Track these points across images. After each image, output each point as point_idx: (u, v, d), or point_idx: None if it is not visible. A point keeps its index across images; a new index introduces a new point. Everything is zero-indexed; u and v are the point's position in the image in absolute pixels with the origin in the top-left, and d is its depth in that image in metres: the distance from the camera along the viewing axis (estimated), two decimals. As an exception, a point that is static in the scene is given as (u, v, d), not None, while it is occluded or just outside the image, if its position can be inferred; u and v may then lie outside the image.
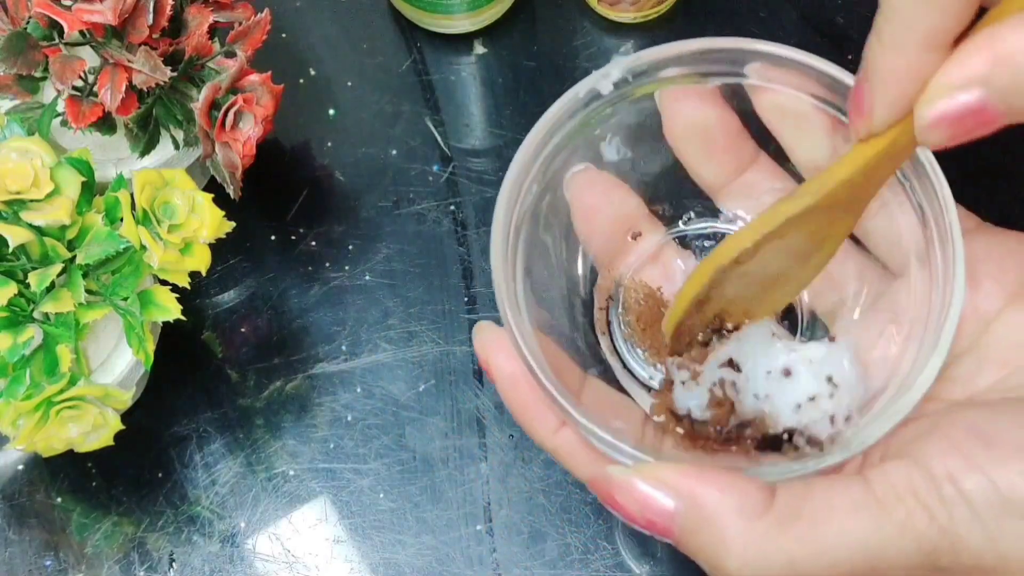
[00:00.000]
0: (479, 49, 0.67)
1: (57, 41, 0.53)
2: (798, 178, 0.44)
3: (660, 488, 0.34)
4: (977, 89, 0.30)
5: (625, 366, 0.45)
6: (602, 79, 0.41)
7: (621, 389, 0.44)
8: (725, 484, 0.34)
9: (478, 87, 0.67)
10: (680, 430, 0.41)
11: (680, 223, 0.46)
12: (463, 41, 0.67)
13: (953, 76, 0.31)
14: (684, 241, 0.46)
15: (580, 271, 0.45)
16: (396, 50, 0.67)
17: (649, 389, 0.44)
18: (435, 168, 0.64)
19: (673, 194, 0.45)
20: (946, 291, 0.37)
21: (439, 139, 0.65)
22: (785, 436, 0.39)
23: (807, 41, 0.66)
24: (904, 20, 0.32)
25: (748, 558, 0.33)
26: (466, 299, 0.61)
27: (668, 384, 0.42)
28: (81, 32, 0.53)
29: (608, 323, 0.45)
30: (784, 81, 0.41)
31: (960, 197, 0.39)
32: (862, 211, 0.38)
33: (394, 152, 0.65)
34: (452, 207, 0.63)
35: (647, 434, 0.41)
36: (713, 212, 0.46)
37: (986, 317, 0.37)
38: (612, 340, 0.45)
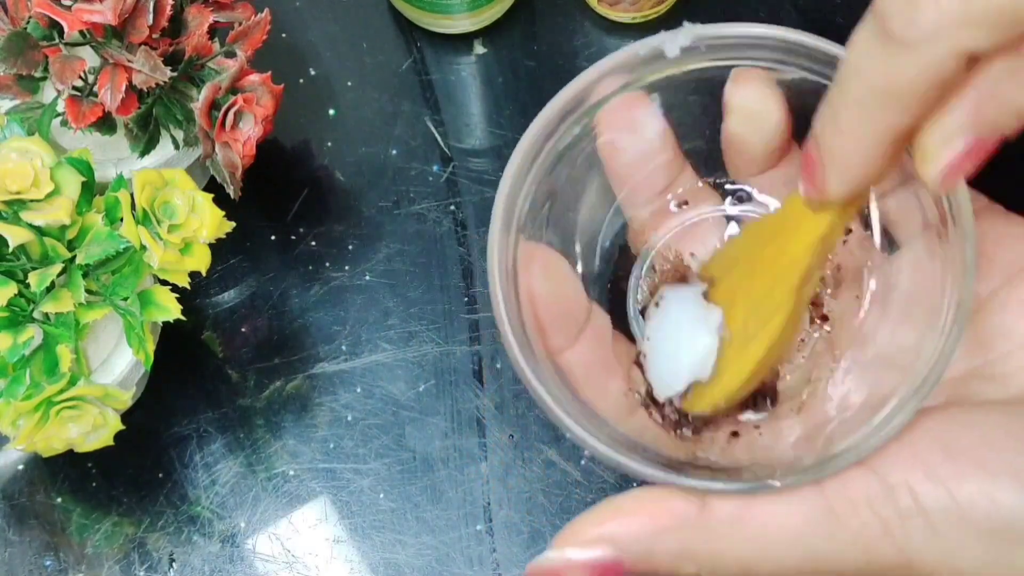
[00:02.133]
0: (479, 49, 0.67)
1: (57, 41, 0.53)
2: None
3: (592, 547, 0.34)
4: (967, 134, 0.31)
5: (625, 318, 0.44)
6: (670, 40, 0.39)
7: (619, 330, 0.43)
8: (652, 511, 0.34)
9: (478, 87, 0.67)
10: (658, 418, 0.40)
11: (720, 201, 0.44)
12: (463, 41, 0.67)
13: (938, 136, 0.31)
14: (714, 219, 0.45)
15: (606, 214, 0.43)
16: (396, 50, 0.67)
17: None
18: (435, 168, 0.64)
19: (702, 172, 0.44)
20: (953, 284, 0.35)
21: (439, 139, 0.65)
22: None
23: (807, 41, 0.66)
24: (866, 115, 0.32)
25: (701, 560, 0.33)
26: (466, 299, 0.61)
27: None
28: (81, 32, 0.53)
29: (628, 274, 0.44)
30: None
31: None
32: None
33: (394, 152, 0.65)
34: (452, 207, 0.63)
35: (625, 400, 0.40)
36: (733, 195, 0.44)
37: (978, 298, 0.37)
38: (626, 293, 0.44)
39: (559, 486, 0.57)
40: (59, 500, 0.58)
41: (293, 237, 0.63)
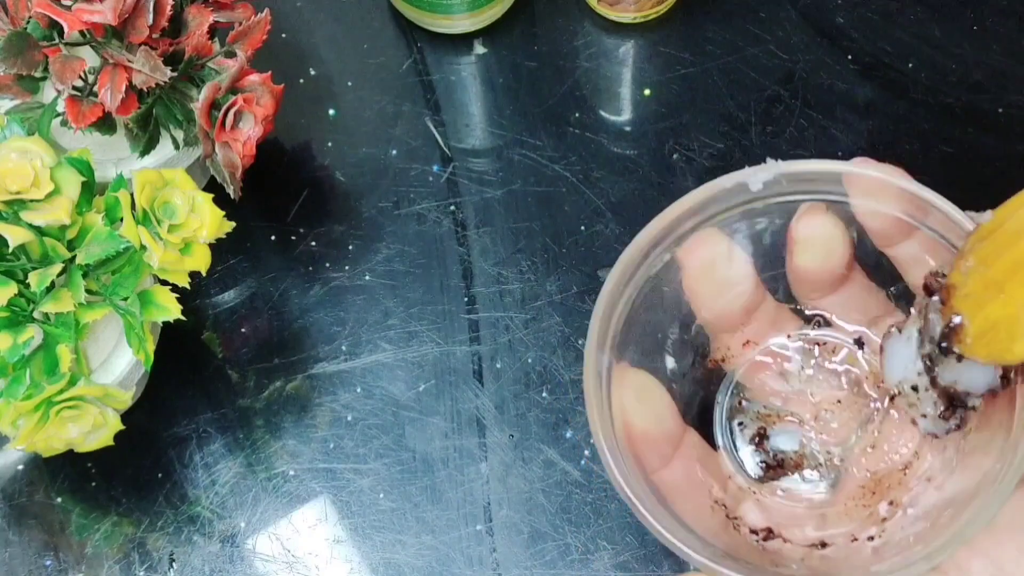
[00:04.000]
0: (479, 49, 0.67)
1: (57, 41, 0.53)
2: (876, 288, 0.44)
3: None
4: None
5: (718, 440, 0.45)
6: (753, 176, 0.41)
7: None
8: None
9: (478, 87, 0.67)
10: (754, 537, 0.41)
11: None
12: (463, 41, 0.67)
13: None
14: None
15: (692, 338, 0.45)
16: (396, 50, 0.67)
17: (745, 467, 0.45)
18: (435, 168, 0.64)
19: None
20: None
21: (439, 139, 0.65)
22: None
23: (807, 41, 0.66)
24: None
25: None
26: (466, 299, 0.61)
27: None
28: (81, 32, 0.53)
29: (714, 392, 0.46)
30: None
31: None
32: None
33: (394, 152, 0.65)
34: (452, 207, 0.63)
35: (712, 515, 0.42)
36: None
37: None
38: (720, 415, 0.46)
39: (559, 486, 0.57)
40: (59, 500, 0.58)
41: (293, 237, 0.63)
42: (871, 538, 0.40)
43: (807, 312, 0.45)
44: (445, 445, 0.58)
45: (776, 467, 0.44)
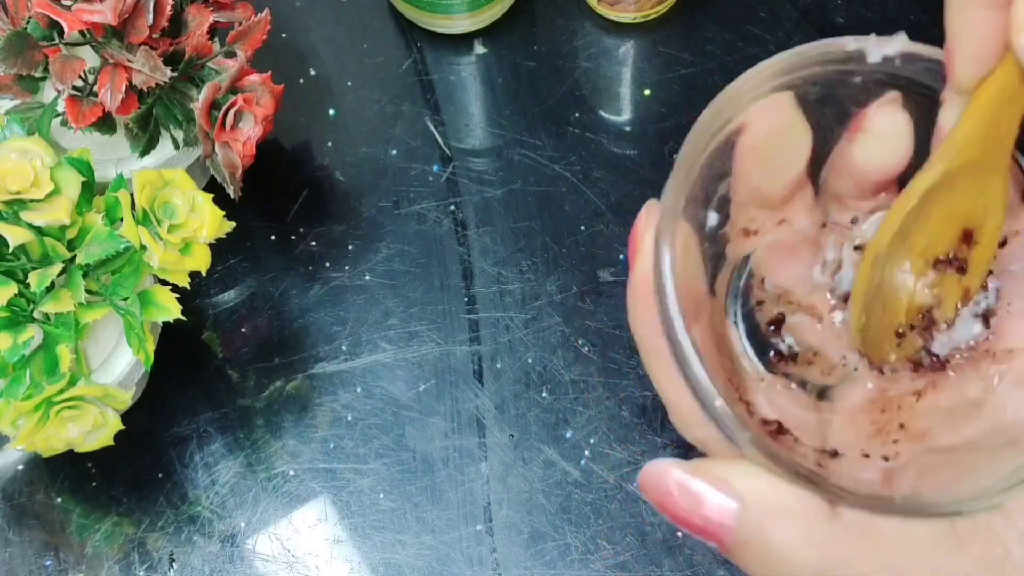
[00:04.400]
0: (479, 49, 0.67)
1: (57, 41, 0.53)
2: None
3: (723, 489, 0.34)
4: None
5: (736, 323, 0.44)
6: (875, 45, 0.39)
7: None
8: (788, 492, 0.34)
9: (478, 87, 0.67)
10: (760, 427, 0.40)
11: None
12: (463, 41, 0.67)
13: None
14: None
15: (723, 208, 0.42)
16: (396, 50, 0.67)
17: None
18: (435, 168, 0.64)
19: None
20: None
21: (439, 139, 0.65)
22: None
23: (807, 41, 0.66)
24: None
25: (811, 562, 0.33)
26: (466, 299, 0.61)
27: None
28: (81, 32, 0.53)
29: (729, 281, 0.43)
30: None
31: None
32: (1005, 168, 0.37)
33: (394, 152, 0.65)
34: (452, 207, 0.63)
35: (727, 392, 0.40)
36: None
37: None
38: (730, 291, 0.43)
39: (559, 486, 0.57)
40: (59, 500, 0.58)
41: (293, 237, 0.63)
42: (885, 458, 0.40)
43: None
44: (445, 445, 0.58)
45: (788, 359, 0.42)
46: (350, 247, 0.62)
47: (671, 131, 0.64)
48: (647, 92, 0.66)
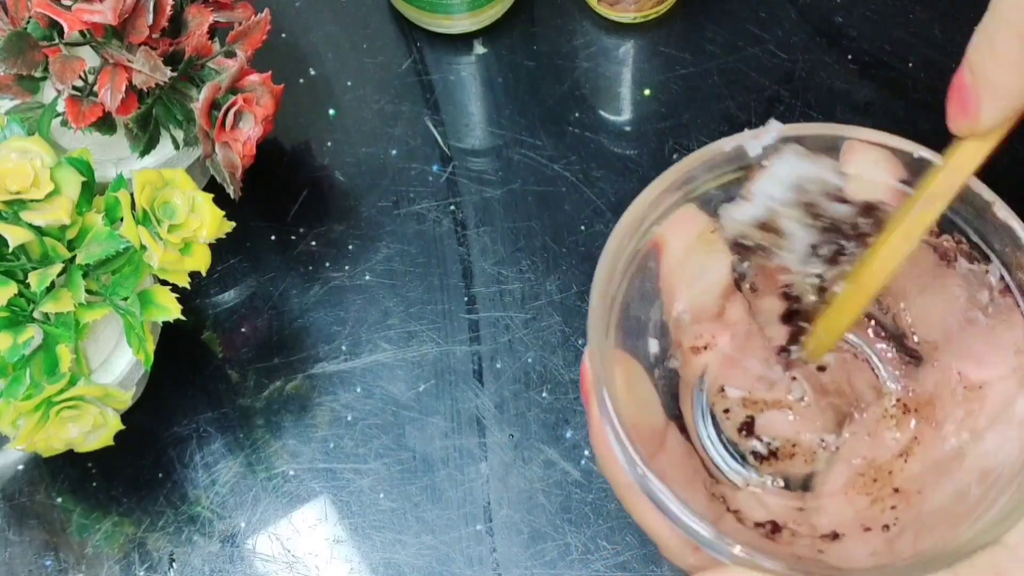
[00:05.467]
0: (479, 49, 0.67)
1: (57, 41, 0.53)
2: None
3: None
4: None
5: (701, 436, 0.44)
6: (752, 139, 0.39)
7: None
8: None
9: (478, 87, 0.67)
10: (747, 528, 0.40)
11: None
12: (463, 41, 0.67)
13: None
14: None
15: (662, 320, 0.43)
16: (396, 50, 0.67)
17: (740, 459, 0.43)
18: (435, 168, 0.64)
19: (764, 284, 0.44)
20: None
21: (439, 139, 0.65)
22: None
23: (807, 41, 0.66)
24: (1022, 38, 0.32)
25: None
26: (466, 299, 0.61)
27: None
28: (81, 32, 0.53)
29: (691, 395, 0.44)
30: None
31: None
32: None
33: (394, 152, 0.65)
34: (452, 207, 0.63)
35: (711, 508, 0.40)
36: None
37: None
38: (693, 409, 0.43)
39: (559, 486, 0.57)
40: (59, 500, 0.58)
41: (293, 237, 0.63)
42: (886, 527, 0.40)
43: (789, 294, 0.43)
44: (445, 445, 0.58)
45: (769, 457, 0.42)
46: (350, 247, 0.62)
47: (671, 131, 0.64)
48: (647, 92, 0.66)
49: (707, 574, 0.34)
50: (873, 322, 0.44)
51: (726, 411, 0.43)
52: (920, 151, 0.39)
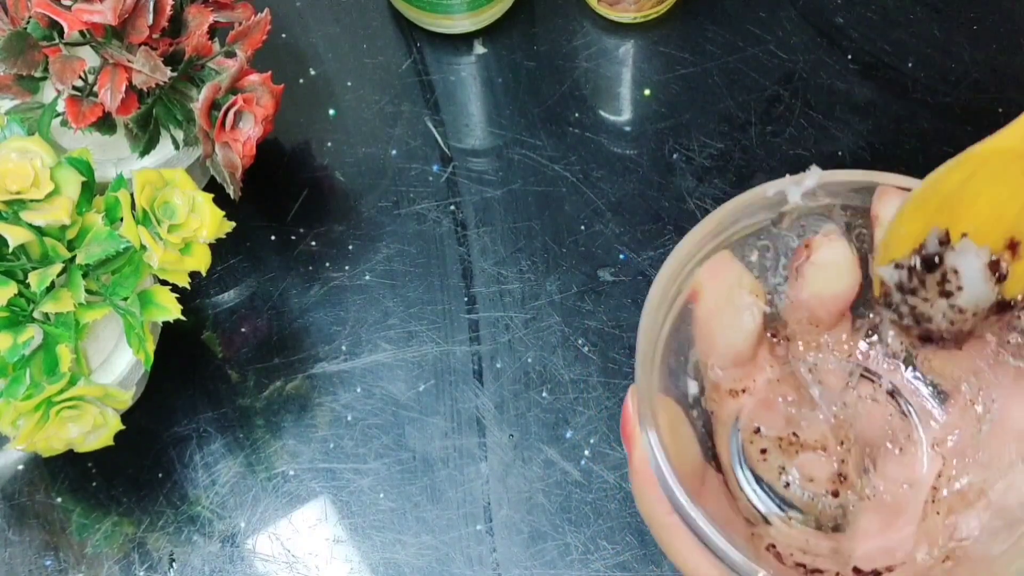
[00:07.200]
0: (479, 49, 0.67)
1: (57, 41, 0.53)
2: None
3: None
4: None
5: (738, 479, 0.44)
6: (793, 184, 0.40)
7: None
8: None
9: (478, 87, 0.67)
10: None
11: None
12: (463, 41, 0.67)
13: None
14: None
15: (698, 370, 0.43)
16: (396, 50, 0.67)
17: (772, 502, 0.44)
18: (435, 168, 0.64)
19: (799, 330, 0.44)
20: None
21: (439, 139, 0.65)
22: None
23: (807, 41, 0.66)
24: None
25: None
26: (466, 299, 0.61)
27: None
28: (81, 32, 0.53)
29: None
30: None
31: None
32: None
33: (394, 152, 0.65)
34: (452, 207, 0.63)
35: (751, 546, 0.40)
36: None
37: None
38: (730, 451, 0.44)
39: (559, 486, 0.57)
40: (59, 500, 0.58)
41: (293, 237, 0.63)
42: (946, 559, 0.39)
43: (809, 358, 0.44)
44: (445, 445, 0.58)
45: (804, 497, 0.42)
46: (350, 247, 0.62)
47: (671, 131, 0.64)
48: (647, 92, 0.66)
49: None
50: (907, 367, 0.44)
51: (763, 451, 0.44)
52: None
